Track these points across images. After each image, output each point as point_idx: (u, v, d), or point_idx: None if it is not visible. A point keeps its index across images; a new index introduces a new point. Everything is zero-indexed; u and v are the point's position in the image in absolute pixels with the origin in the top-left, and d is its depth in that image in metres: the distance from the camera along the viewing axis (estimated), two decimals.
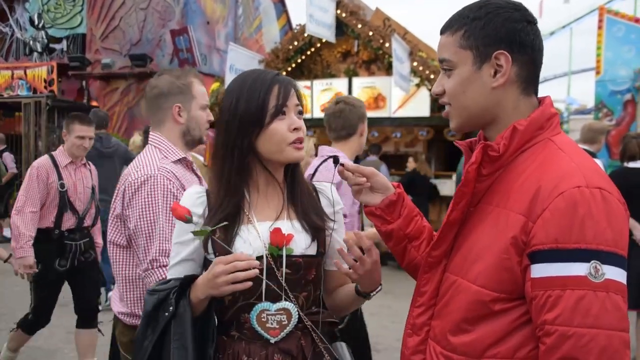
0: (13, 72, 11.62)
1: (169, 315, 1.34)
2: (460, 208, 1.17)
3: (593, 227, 0.97)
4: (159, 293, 1.38)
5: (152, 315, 1.38)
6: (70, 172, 3.80)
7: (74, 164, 3.81)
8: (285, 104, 1.40)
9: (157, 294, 1.38)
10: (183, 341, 1.32)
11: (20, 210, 3.57)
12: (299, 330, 1.41)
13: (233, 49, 8.52)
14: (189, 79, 2.13)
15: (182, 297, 1.36)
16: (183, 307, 1.34)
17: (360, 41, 8.74)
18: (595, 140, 4.76)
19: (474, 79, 1.15)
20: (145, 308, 1.39)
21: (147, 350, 1.36)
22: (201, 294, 1.33)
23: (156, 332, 1.36)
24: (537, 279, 1.01)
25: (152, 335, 1.37)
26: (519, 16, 1.13)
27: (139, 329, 1.40)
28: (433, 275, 1.24)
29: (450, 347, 1.14)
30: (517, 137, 1.12)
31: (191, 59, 11.03)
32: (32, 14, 12.81)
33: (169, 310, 1.35)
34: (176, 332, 1.33)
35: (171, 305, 1.35)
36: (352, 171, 1.38)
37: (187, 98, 2.10)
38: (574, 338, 0.96)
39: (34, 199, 3.60)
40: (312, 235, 1.43)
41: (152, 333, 1.37)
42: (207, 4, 12.51)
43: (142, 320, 1.39)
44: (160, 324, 1.36)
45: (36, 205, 3.60)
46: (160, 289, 1.39)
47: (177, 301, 1.35)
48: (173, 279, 1.40)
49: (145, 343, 1.38)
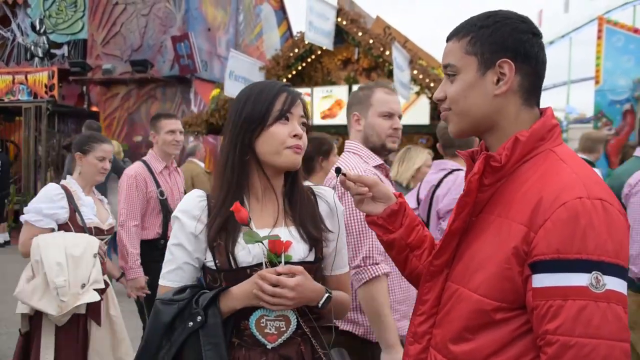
0: (14, 77, 11.63)
1: (195, 325, 1.33)
2: (462, 218, 1.18)
3: (594, 238, 0.98)
4: (178, 303, 1.36)
5: (170, 326, 1.35)
6: (166, 178, 3.61)
7: (167, 168, 3.62)
8: (290, 110, 1.43)
9: (176, 303, 1.36)
10: (218, 351, 1.31)
11: (123, 224, 3.36)
12: (298, 336, 1.42)
13: (234, 56, 8.54)
14: (374, 88, 2.21)
15: (210, 307, 1.34)
16: (214, 316, 1.34)
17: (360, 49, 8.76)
18: (594, 149, 4.78)
19: (477, 85, 1.16)
20: (160, 318, 1.36)
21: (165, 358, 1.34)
22: (239, 305, 1.34)
23: (175, 342, 1.34)
24: (538, 288, 1.01)
25: (168, 345, 1.34)
26: (525, 28, 1.16)
27: (149, 338, 1.37)
28: (435, 284, 1.24)
29: (451, 356, 1.15)
30: (519, 147, 1.13)
31: (192, 65, 11.05)
32: (34, 19, 12.84)
33: (196, 320, 1.33)
34: (209, 342, 1.32)
35: (199, 315, 1.33)
36: (354, 181, 1.39)
37: (364, 107, 2.19)
38: (575, 348, 0.96)
39: (135, 211, 3.39)
40: (309, 244, 1.44)
41: (168, 343, 1.34)
42: (208, 10, 12.56)
43: (156, 330, 1.36)
44: (180, 334, 1.34)
45: (137, 218, 3.40)
46: (178, 298, 1.37)
47: (206, 310, 1.34)
48: (188, 288, 1.39)
49: (161, 353, 1.35)
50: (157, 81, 11.87)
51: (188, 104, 11.77)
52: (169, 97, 11.97)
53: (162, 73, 11.81)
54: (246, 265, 1.38)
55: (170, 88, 11.92)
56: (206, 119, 9.36)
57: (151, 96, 12.07)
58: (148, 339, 1.37)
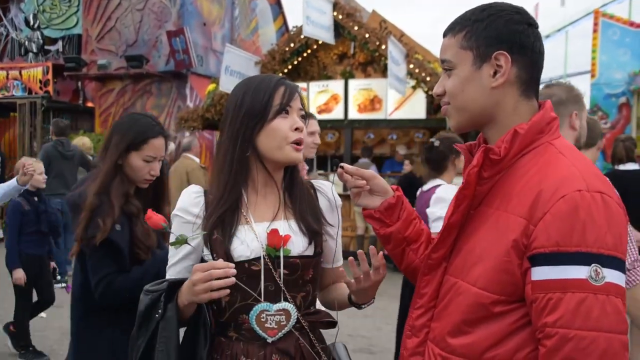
0: (8, 73, 11.56)
1: (159, 317, 1.36)
2: (460, 211, 1.18)
3: (594, 231, 0.98)
4: (152, 294, 1.39)
5: (145, 315, 1.39)
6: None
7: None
8: (289, 104, 1.42)
9: (150, 294, 1.39)
10: (168, 345, 1.33)
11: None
12: (297, 330, 1.42)
13: (229, 51, 8.52)
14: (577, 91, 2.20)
15: (170, 301, 1.36)
16: (171, 310, 1.35)
17: (356, 43, 8.74)
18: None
19: (473, 79, 1.16)
20: (139, 307, 1.40)
21: (139, 349, 1.38)
22: (185, 300, 1.33)
23: (148, 332, 1.37)
24: (537, 281, 1.01)
25: (144, 334, 1.38)
26: (520, 19, 1.15)
27: (135, 326, 1.41)
28: (433, 277, 1.24)
29: (449, 349, 1.15)
30: (518, 140, 1.13)
31: (187, 60, 11.02)
32: (28, 14, 12.76)
33: (158, 312, 1.36)
34: (162, 335, 1.34)
35: (160, 308, 1.36)
36: (351, 174, 1.38)
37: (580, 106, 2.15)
38: (574, 340, 0.96)
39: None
40: (309, 238, 1.43)
41: (144, 333, 1.38)
42: (203, 5, 12.50)
43: (137, 319, 1.40)
44: (152, 325, 1.37)
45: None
46: (153, 289, 1.40)
47: (166, 304, 1.36)
48: (167, 281, 1.40)
49: (138, 342, 1.39)
50: (153, 76, 11.83)
51: (184, 99, 11.74)
52: (164, 93, 11.94)
53: (158, 68, 11.77)
54: (244, 260, 1.37)
55: (166, 83, 11.88)
56: (202, 114, 9.33)
57: (147, 91, 12.03)
58: (135, 326, 1.41)
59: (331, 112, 9.10)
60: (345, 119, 9.01)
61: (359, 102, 8.90)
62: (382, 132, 10.16)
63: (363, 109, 8.83)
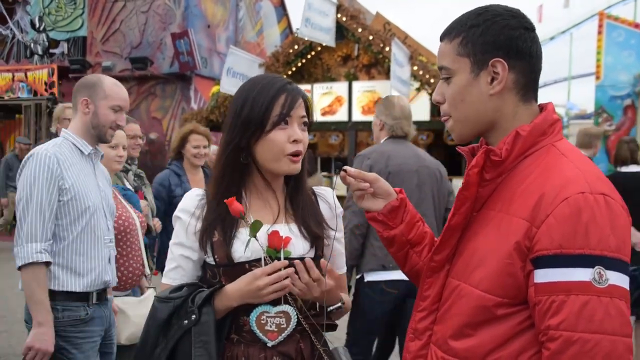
0: (14, 75, 11.62)
1: (190, 323, 1.34)
2: (462, 213, 1.18)
3: (597, 233, 0.98)
4: (174, 301, 1.37)
5: (166, 323, 1.36)
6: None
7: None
8: (289, 113, 1.40)
9: (172, 301, 1.37)
10: (208, 349, 1.31)
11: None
12: (298, 333, 1.42)
13: (233, 52, 8.53)
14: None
15: (205, 305, 1.35)
16: (207, 314, 1.34)
17: (360, 45, 8.75)
18: (590, 145, 4.78)
19: (471, 87, 1.16)
20: (157, 316, 1.37)
21: (159, 358, 1.35)
22: (236, 303, 1.34)
23: (171, 340, 1.35)
24: (540, 284, 1.01)
25: (165, 342, 1.35)
26: (516, 23, 1.14)
27: (147, 334, 1.38)
28: (436, 280, 1.24)
29: (451, 352, 1.14)
30: (519, 142, 1.12)
31: (192, 62, 11.04)
32: (33, 16, 12.81)
33: (190, 318, 1.34)
34: (199, 339, 1.32)
35: (194, 314, 1.34)
36: (354, 177, 1.38)
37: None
38: (578, 343, 0.96)
39: None
40: (310, 241, 1.43)
41: (164, 340, 1.35)
42: (208, 7, 12.53)
43: (153, 327, 1.37)
44: (176, 332, 1.34)
45: None
46: (174, 296, 1.38)
47: (200, 309, 1.34)
48: (185, 286, 1.39)
49: (157, 351, 1.36)
50: (157, 78, 11.86)
51: (188, 101, 11.76)
52: (168, 94, 11.96)
53: (162, 70, 11.80)
54: (244, 261, 1.38)
55: (170, 85, 11.91)
56: (206, 116, 9.35)
57: (151, 93, 12.06)
58: (145, 335, 1.38)
59: (335, 114, 9.10)
60: (349, 121, 9.01)
61: (363, 104, 8.90)
62: None
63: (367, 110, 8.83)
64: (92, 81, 2.32)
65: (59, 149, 2.17)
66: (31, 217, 2.07)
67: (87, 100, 2.25)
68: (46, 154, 2.12)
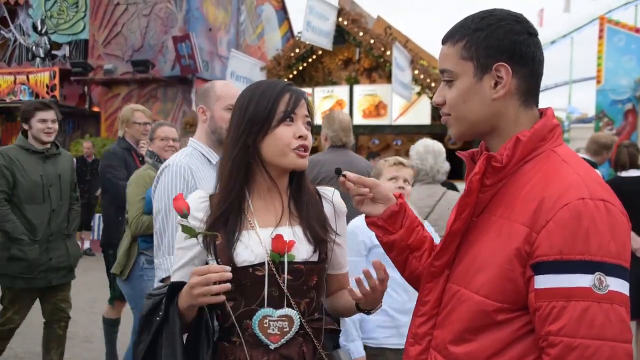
0: (15, 77, 11.66)
1: (160, 320, 1.36)
2: (463, 218, 1.17)
3: (597, 239, 0.98)
4: (154, 297, 1.40)
5: (147, 319, 1.39)
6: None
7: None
8: (294, 111, 1.42)
9: (152, 298, 1.40)
10: (173, 348, 1.34)
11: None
12: (301, 336, 1.42)
13: (235, 56, 8.56)
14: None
15: (171, 304, 1.37)
16: (172, 314, 1.36)
17: (361, 49, 8.77)
18: (598, 153, 4.78)
19: (474, 90, 1.16)
20: (141, 311, 1.41)
21: (141, 352, 1.39)
22: (185, 303, 1.34)
23: (150, 335, 1.38)
24: (541, 289, 1.01)
25: (146, 338, 1.39)
26: (520, 28, 1.14)
27: (137, 333, 1.42)
28: (435, 285, 1.24)
29: (451, 357, 1.14)
30: (520, 147, 1.12)
31: (193, 65, 11.06)
32: (35, 19, 12.86)
33: (159, 314, 1.37)
34: (167, 338, 1.35)
35: (161, 311, 1.37)
36: (354, 182, 1.38)
37: None
38: (579, 349, 0.96)
39: None
40: (314, 244, 1.43)
41: (146, 336, 1.39)
42: (209, 10, 12.56)
43: (139, 323, 1.41)
44: (152, 328, 1.38)
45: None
46: (155, 293, 1.41)
47: (167, 307, 1.37)
48: (170, 284, 1.41)
49: (140, 346, 1.40)
50: (159, 81, 11.88)
51: (189, 104, 11.78)
52: (170, 97, 11.98)
53: (163, 73, 11.82)
54: (248, 265, 1.37)
55: (172, 88, 11.93)
56: None
57: (152, 96, 12.08)
58: (138, 331, 1.43)
59: None
60: None
61: (364, 107, 8.92)
62: (387, 137, 10.17)
63: (368, 114, 8.85)
64: (205, 88, 2.32)
65: (190, 160, 2.18)
66: (172, 229, 2.06)
67: (203, 107, 2.26)
68: (180, 164, 2.12)
